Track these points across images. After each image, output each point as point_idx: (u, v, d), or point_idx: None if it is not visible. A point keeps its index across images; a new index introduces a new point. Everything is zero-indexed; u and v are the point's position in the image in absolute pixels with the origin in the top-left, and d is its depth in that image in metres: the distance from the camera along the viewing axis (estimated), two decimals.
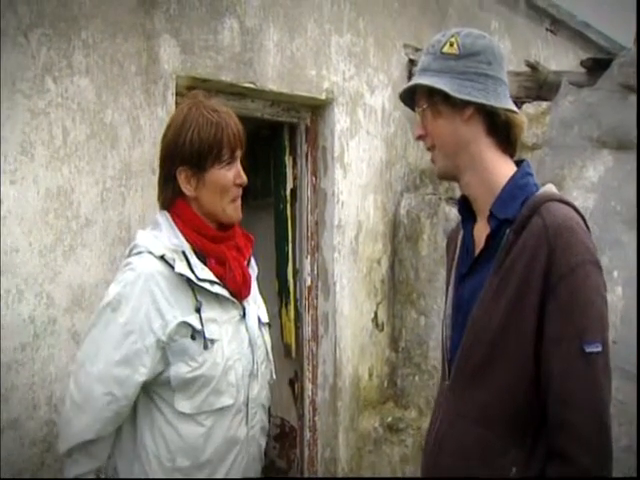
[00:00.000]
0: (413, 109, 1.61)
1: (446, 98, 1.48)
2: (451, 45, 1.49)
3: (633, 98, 3.33)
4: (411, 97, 1.59)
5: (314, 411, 3.81)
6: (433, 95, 1.50)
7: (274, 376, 1.95)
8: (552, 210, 1.39)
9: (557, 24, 5.99)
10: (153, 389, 1.70)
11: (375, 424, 3.87)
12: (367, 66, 3.88)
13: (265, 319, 1.92)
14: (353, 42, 3.80)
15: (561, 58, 6.02)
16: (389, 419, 3.88)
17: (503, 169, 1.51)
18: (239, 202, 1.80)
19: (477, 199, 1.54)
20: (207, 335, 1.68)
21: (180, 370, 1.66)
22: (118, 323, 1.64)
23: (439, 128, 1.52)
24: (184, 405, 1.67)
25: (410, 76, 4.09)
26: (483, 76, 1.48)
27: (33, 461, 2.49)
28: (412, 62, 4.13)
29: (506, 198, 1.47)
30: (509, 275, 1.40)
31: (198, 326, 1.67)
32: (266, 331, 1.91)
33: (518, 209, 1.44)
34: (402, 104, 1.64)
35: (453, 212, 3.84)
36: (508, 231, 1.43)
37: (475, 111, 1.48)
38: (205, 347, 1.67)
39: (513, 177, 1.50)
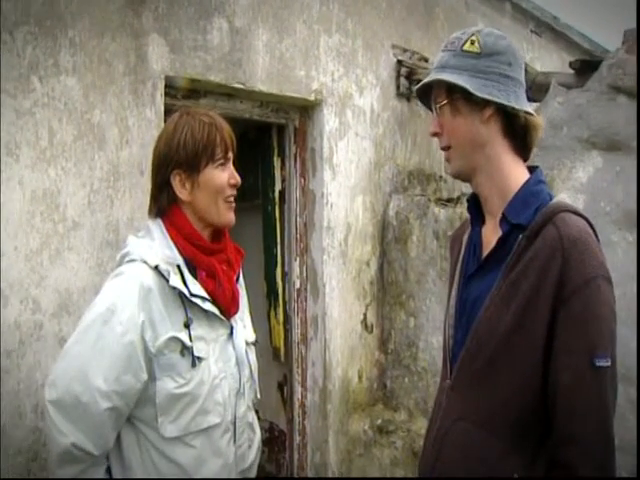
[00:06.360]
0: (428, 106, 1.57)
1: (467, 96, 1.44)
2: (472, 43, 1.46)
3: (622, 99, 3.33)
4: (427, 94, 1.56)
5: (303, 414, 3.78)
6: (453, 92, 1.47)
7: (258, 395, 1.92)
8: (567, 221, 1.37)
9: (541, 26, 6.02)
10: (136, 415, 1.64)
11: (365, 427, 3.84)
12: (356, 67, 3.86)
13: (251, 339, 1.89)
14: (342, 43, 3.77)
15: (545, 60, 6.04)
16: (379, 421, 3.85)
17: (517, 173, 1.49)
18: (233, 205, 1.78)
19: (488, 200, 1.52)
20: (195, 353, 1.64)
21: (167, 385, 1.62)
22: (116, 333, 1.57)
23: (457, 126, 1.49)
24: (170, 429, 1.63)
25: (399, 77, 4.07)
26: (504, 77, 1.45)
27: (18, 470, 2.43)
28: (400, 63, 4.11)
29: (519, 203, 1.45)
30: (519, 281, 1.37)
31: (188, 342, 1.63)
32: (251, 350, 1.88)
33: (531, 216, 1.42)
34: (391, 104, 1.61)
35: (442, 213, 3.83)
36: (520, 237, 1.41)
37: (494, 112, 1.46)
38: (193, 365, 1.64)
39: (527, 183, 1.48)
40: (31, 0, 2.45)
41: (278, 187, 3.85)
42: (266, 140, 3.86)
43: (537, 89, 3.87)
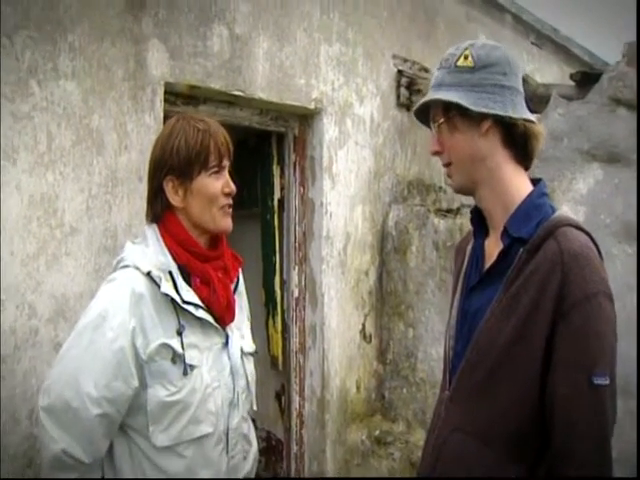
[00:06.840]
0: (427, 125, 1.57)
1: (463, 112, 1.44)
2: (465, 58, 1.46)
3: (622, 111, 3.34)
4: (425, 113, 1.55)
5: (301, 424, 3.75)
6: (449, 110, 1.47)
7: (255, 407, 1.88)
8: (569, 235, 1.36)
9: (542, 38, 6.04)
10: (128, 423, 1.63)
11: (363, 437, 3.81)
12: (356, 76, 3.86)
13: (249, 349, 1.86)
14: (342, 52, 3.77)
15: (546, 71, 6.05)
16: (377, 432, 3.82)
17: (519, 184, 1.48)
18: (230, 212, 1.75)
19: (491, 213, 1.51)
20: (187, 360, 1.62)
21: (158, 393, 1.59)
22: (107, 339, 1.56)
23: (456, 143, 1.48)
24: (161, 438, 1.60)
25: (399, 87, 4.07)
26: (499, 87, 1.45)
27: (14, 476, 2.40)
28: (400, 72, 4.11)
29: (521, 216, 1.44)
30: (520, 295, 1.36)
31: (179, 350, 1.61)
32: (249, 361, 1.84)
33: (533, 229, 1.41)
34: (391, 114, 1.60)
35: (442, 223, 3.82)
36: (521, 250, 1.40)
37: (493, 123, 1.45)
38: (185, 373, 1.62)
39: (530, 196, 1.46)
40: (31, 4, 2.45)
41: (277, 195, 3.84)
42: (265, 148, 3.86)
43: (538, 101, 3.87)
